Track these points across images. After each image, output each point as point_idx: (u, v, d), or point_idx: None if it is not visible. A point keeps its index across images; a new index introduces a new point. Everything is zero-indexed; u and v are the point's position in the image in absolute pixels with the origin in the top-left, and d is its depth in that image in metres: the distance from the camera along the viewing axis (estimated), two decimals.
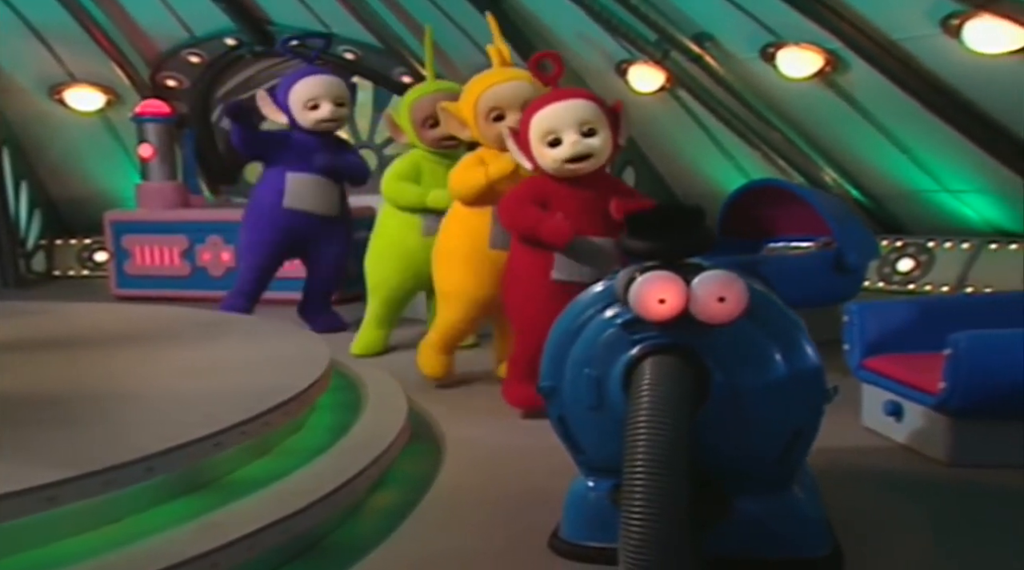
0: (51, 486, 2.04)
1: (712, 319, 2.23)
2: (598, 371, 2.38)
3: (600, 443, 2.42)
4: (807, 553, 2.37)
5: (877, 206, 6.75)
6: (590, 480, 2.52)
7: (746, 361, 2.31)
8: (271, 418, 2.79)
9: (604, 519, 2.36)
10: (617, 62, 7.03)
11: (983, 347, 2.98)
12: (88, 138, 8.26)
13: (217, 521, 2.33)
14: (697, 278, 2.22)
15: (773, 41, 6.02)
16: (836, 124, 6.39)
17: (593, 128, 3.59)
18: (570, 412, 2.46)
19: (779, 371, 2.31)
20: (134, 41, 7.96)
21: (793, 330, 2.35)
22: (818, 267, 5.08)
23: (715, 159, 7.32)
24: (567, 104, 3.61)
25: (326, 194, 5.38)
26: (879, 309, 3.55)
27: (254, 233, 5.42)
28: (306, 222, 5.33)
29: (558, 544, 2.57)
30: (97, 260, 8.25)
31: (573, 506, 2.56)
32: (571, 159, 3.58)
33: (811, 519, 2.41)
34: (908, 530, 2.70)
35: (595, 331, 2.40)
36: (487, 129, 4.15)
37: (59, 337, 4.00)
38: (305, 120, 5.32)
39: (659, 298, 2.21)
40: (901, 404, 3.31)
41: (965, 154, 5.76)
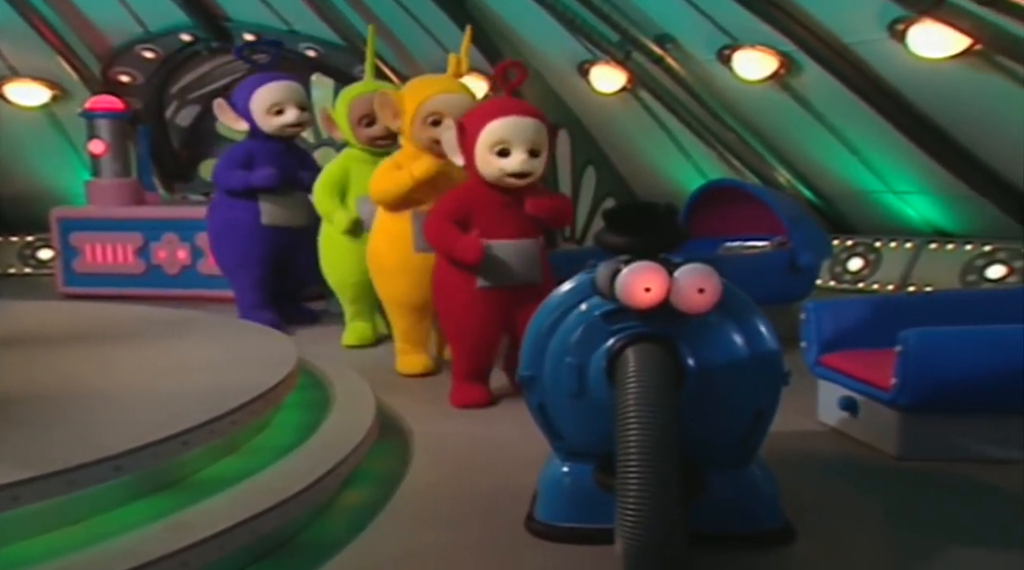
0: (14, 485, 2.00)
1: (691, 309, 2.40)
2: (579, 360, 2.50)
3: (579, 429, 2.57)
4: (765, 526, 2.57)
5: (828, 206, 6.94)
6: (565, 465, 2.65)
7: (715, 347, 2.47)
8: (238, 416, 2.76)
9: (579, 501, 2.56)
10: (579, 62, 7.10)
11: (932, 344, 3.09)
12: (31, 134, 8.01)
13: (186, 520, 2.30)
14: (679, 270, 2.39)
15: (729, 43, 6.15)
16: (790, 125, 6.56)
17: (538, 150, 3.80)
18: (550, 400, 2.58)
19: (743, 356, 2.49)
20: (84, 36, 7.75)
21: (754, 318, 2.53)
22: (773, 266, 5.21)
23: (675, 159, 7.44)
24: (524, 121, 3.77)
25: (299, 206, 5.47)
26: (835, 307, 3.64)
27: (239, 253, 5.48)
28: (286, 237, 5.45)
29: (535, 526, 2.68)
30: (41, 258, 8.01)
31: (549, 490, 2.68)
32: (515, 174, 3.76)
33: (768, 495, 2.60)
34: (859, 520, 2.79)
35: (575, 322, 2.52)
36: (421, 130, 4.31)
37: (11, 335, 3.87)
38: (269, 126, 5.37)
39: (645, 287, 2.36)
40: (856, 400, 3.40)
41: (909, 156, 5.96)
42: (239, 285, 5.58)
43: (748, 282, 5.43)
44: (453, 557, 2.58)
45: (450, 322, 4.01)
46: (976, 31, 4.97)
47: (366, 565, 2.52)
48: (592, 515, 2.53)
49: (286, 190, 5.41)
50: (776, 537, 2.57)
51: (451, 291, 3.91)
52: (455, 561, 2.56)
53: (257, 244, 5.42)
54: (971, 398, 3.10)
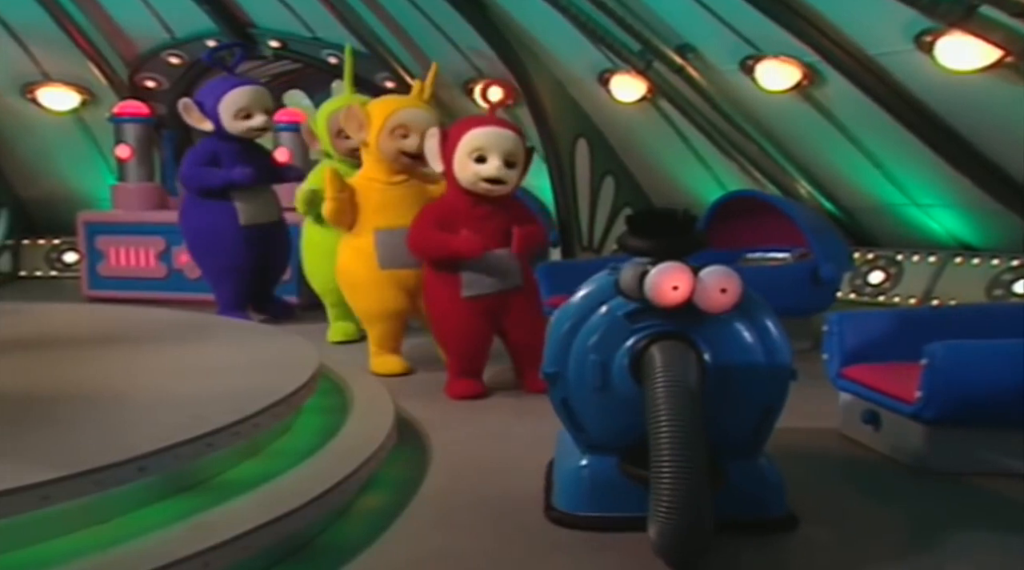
0: (45, 485, 2.02)
1: (713, 308, 2.56)
2: (602, 357, 2.66)
3: (601, 422, 2.73)
4: (771, 513, 2.74)
5: (849, 218, 6.89)
6: (584, 458, 2.80)
7: (729, 345, 2.64)
8: (261, 419, 2.78)
9: (598, 492, 2.74)
10: (600, 71, 7.11)
11: (958, 357, 3.06)
12: (61, 138, 8.14)
13: (209, 521, 2.31)
14: (703, 272, 2.56)
15: (753, 54, 6.14)
16: (812, 137, 6.52)
17: (514, 161, 4.07)
18: (574, 395, 2.73)
19: (756, 353, 2.66)
20: (113, 42, 7.88)
21: (766, 318, 2.71)
22: (795, 278, 5.18)
23: (694, 169, 7.42)
24: (501, 132, 4.09)
25: (269, 202, 5.79)
26: (858, 319, 3.62)
27: (225, 260, 5.65)
28: (263, 233, 5.68)
29: (555, 515, 2.82)
30: (66, 261, 8.12)
31: (568, 481, 2.84)
32: (489, 180, 4.01)
33: (774, 484, 2.76)
34: (883, 533, 2.76)
35: (598, 322, 2.68)
36: (388, 141, 4.62)
37: (38, 337, 3.93)
38: (235, 129, 5.58)
39: (673, 285, 2.53)
40: (879, 413, 3.38)
41: (934, 169, 5.91)
42: (222, 289, 5.74)
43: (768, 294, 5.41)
44: (471, 562, 2.58)
45: (439, 328, 4.28)
46: (1007, 43, 4.92)
47: (385, 569, 2.53)
48: (610, 504, 2.70)
49: (257, 187, 5.61)
50: (780, 524, 2.72)
51: (440, 302, 4.18)
52: (473, 566, 2.56)
53: (240, 248, 5.58)
54: (997, 412, 3.07)
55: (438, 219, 4.12)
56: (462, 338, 4.17)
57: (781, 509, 2.74)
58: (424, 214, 4.23)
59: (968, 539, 2.70)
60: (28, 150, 8.08)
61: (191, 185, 5.66)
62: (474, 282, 4.08)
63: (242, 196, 5.57)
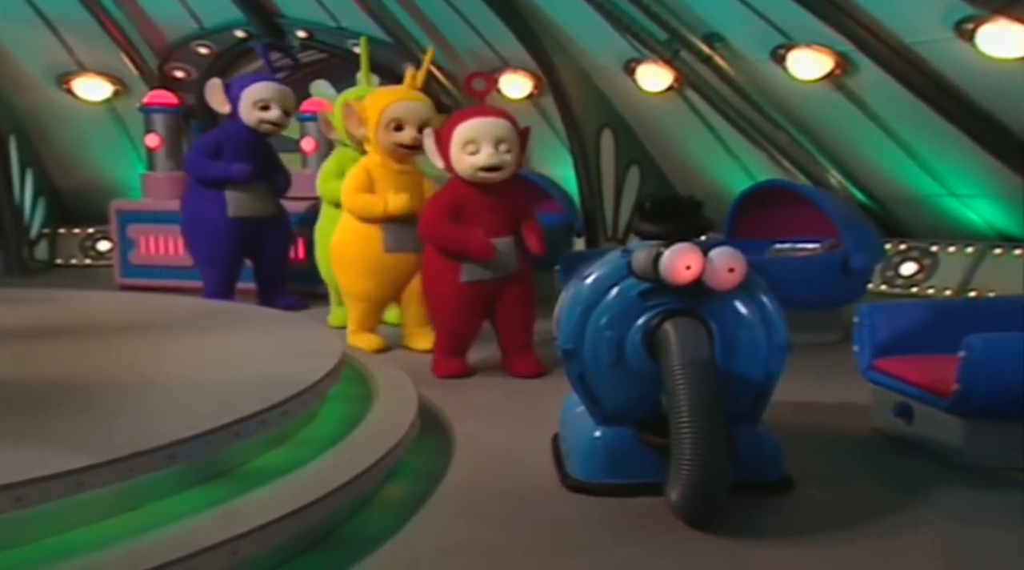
0: (80, 471, 2.06)
1: (722, 285, 2.76)
2: (617, 333, 2.86)
3: (615, 395, 2.93)
4: (768, 476, 2.95)
5: (881, 209, 6.77)
6: (598, 429, 2.99)
7: (731, 320, 2.85)
8: (288, 407, 2.80)
9: (612, 460, 2.94)
10: (626, 61, 7.03)
11: (998, 350, 3.00)
12: (94, 128, 8.24)
13: (237, 510, 2.34)
14: (713, 252, 2.76)
15: (784, 43, 6.03)
16: (843, 126, 6.40)
17: (508, 147, 4.21)
18: (589, 369, 2.92)
19: (756, 328, 2.87)
20: (144, 31, 7.95)
21: (765, 295, 2.91)
22: (824, 269, 5.12)
23: (721, 159, 7.33)
24: (490, 121, 4.22)
25: (264, 197, 5.84)
26: (890, 311, 3.56)
27: (208, 249, 5.83)
28: (252, 226, 5.78)
29: (571, 482, 3.00)
30: (100, 249, 8.24)
31: (583, 451, 3.02)
32: (486, 168, 4.17)
33: (772, 448, 2.97)
34: (920, 529, 2.72)
35: (612, 301, 2.88)
36: (384, 135, 4.74)
37: (72, 325, 4.00)
38: (250, 117, 5.72)
39: (687, 265, 2.71)
40: (911, 406, 3.32)
41: (973, 159, 5.78)
42: (208, 277, 5.90)
43: (798, 285, 5.39)
44: (494, 553, 2.58)
45: (436, 309, 4.47)
46: None
47: (408, 559, 2.54)
48: (624, 472, 2.92)
49: (253, 181, 5.72)
50: (777, 486, 2.94)
51: (438, 283, 4.36)
52: (496, 557, 2.56)
53: (225, 239, 5.74)
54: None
55: (448, 211, 4.27)
56: (456, 319, 4.36)
57: (778, 473, 2.96)
58: (434, 205, 4.37)
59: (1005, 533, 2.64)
60: (64, 140, 8.20)
61: (191, 173, 5.89)
62: (474, 268, 4.25)
63: (235, 188, 5.71)
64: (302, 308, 5.86)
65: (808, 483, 3.05)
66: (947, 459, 3.18)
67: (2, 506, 1.95)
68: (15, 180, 7.83)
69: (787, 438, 3.46)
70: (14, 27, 7.60)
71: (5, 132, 7.76)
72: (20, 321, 4.03)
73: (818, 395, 4.07)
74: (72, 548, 2.05)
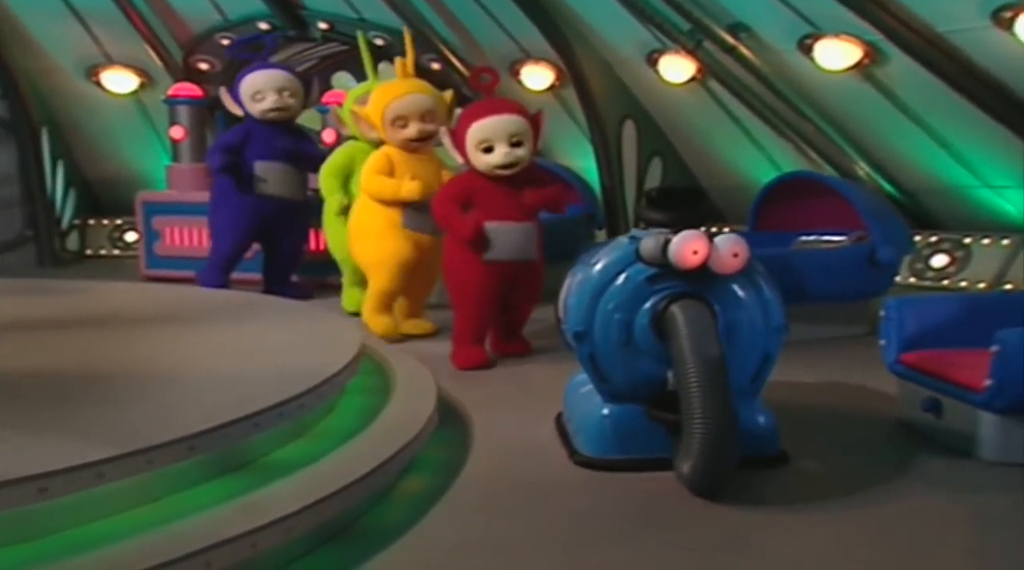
0: (101, 463, 2.07)
1: (726, 270, 2.93)
2: (626, 315, 3.01)
3: (623, 374, 3.08)
4: (765, 451, 3.08)
5: (911, 200, 6.64)
6: (605, 407, 3.13)
7: (732, 302, 3.01)
8: (307, 400, 2.80)
9: (619, 437, 3.09)
10: (648, 52, 6.96)
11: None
12: (121, 120, 8.33)
13: (256, 502, 2.34)
14: (717, 238, 2.92)
15: (811, 32, 5.92)
16: (872, 117, 6.29)
17: (520, 140, 4.34)
18: (599, 350, 3.07)
19: (755, 309, 3.03)
20: (169, 24, 8.01)
21: (763, 279, 3.07)
22: (851, 261, 5.03)
23: (746, 151, 7.23)
24: (502, 119, 4.34)
25: (292, 180, 5.90)
26: (918, 304, 3.50)
27: (229, 220, 5.90)
28: (276, 207, 5.84)
29: (580, 459, 3.15)
30: (127, 240, 8.34)
31: (591, 428, 3.17)
32: (501, 166, 4.31)
33: (768, 425, 3.11)
34: (956, 526, 2.68)
35: (622, 285, 3.03)
36: (393, 134, 4.88)
37: (98, 316, 4.05)
38: (254, 111, 5.85)
39: (694, 250, 2.88)
40: (940, 401, 3.26)
41: (1009, 149, 5.64)
42: (216, 247, 6.00)
43: (824, 277, 5.29)
44: (512, 547, 2.57)
45: (458, 292, 4.53)
46: None
47: (425, 553, 2.54)
48: (631, 448, 3.07)
49: (282, 165, 5.81)
50: (774, 460, 3.09)
51: (460, 265, 4.45)
52: (513, 551, 2.55)
53: (246, 212, 5.80)
54: None
55: (458, 194, 4.42)
56: (478, 300, 4.43)
57: (774, 448, 3.12)
58: (447, 188, 4.55)
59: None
60: (93, 132, 8.30)
61: (207, 162, 6.06)
62: (496, 248, 4.36)
63: (263, 166, 5.79)
64: (309, 298, 5.87)
65: (828, 477, 3.03)
66: (977, 455, 3.11)
67: (26, 497, 1.97)
68: (47, 171, 7.94)
69: (811, 430, 3.45)
70: (46, 20, 7.69)
71: (38, 124, 7.87)
72: (48, 312, 4.09)
73: (843, 389, 4.04)
74: (92, 540, 2.06)
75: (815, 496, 2.88)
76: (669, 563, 2.47)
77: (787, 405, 3.80)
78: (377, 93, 5.04)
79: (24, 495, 1.96)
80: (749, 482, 2.89)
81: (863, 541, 2.57)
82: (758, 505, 2.78)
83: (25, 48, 7.79)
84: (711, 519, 2.71)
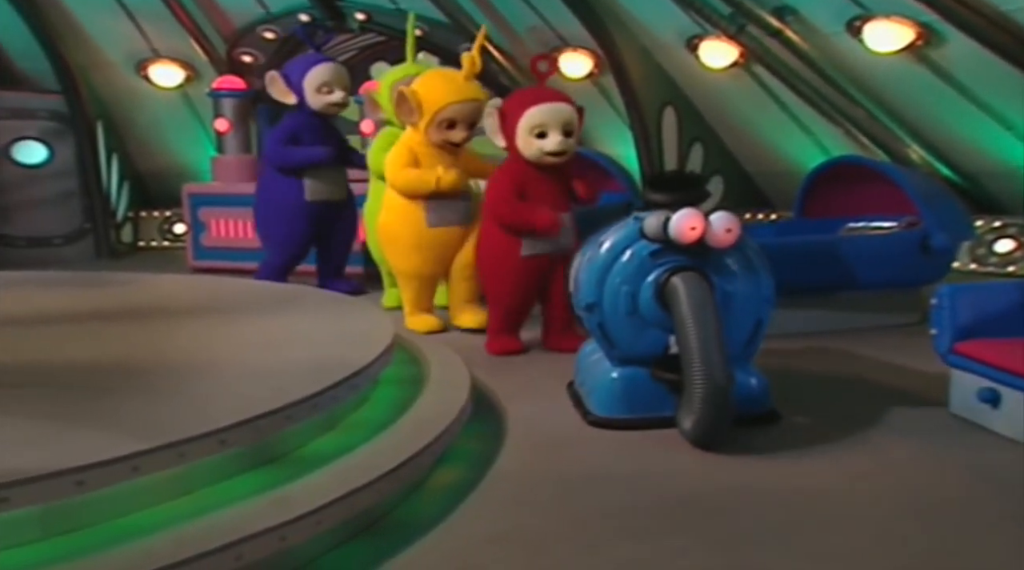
0: (136, 455, 2.09)
1: (721, 244, 3.22)
2: (632, 287, 3.33)
3: (630, 340, 3.40)
4: (758, 409, 3.38)
5: (972, 184, 6.37)
6: (615, 371, 3.44)
7: (728, 274, 3.31)
8: (339, 392, 2.80)
9: (628, 398, 3.40)
10: (688, 37, 6.81)
11: None
12: (168, 113, 8.50)
13: (285, 495, 2.35)
14: (712, 215, 3.20)
15: (861, 14, 5.73)
16: (926, 100, 6.07)
17: (571, 130, 4.38)
18: (608, 319, 3.38)
19: (748, 279, 3.33)
20: (212, 17, 8.12)
21: (754, 253, 3.35)
22: (902, 248, 4.86)
23: (793, 136, 7.04)
24: (558, 106, 4.36)
25: (338, 181, 5.93)
26: (972, 292, 3.37)
27: (283, 229, 5.87)
28: (327, 211, 5.86)
29: (593, 419, 3.44)
30: (176, 232, 8.54)
31: (602, 390, 3.46)
32: (553, 153, 4.32)
33: (760, 386, 3.40)
34: (1008, 522, 2.56)
35: (628, 259, 3.34)
36: (436, 133, 4.78)
37: (142, 308, 4.13)
38: (317, 103, 5.79)
39: (692, 226, 3.18)
40: (998, 391, 3.12)
41: None
42: (273, 257, 5.98)
43: (873, 264, 5.13)
44: (544, 541, 2.54)
45: (494, 285, 4.56)
46: None
47: (456, 546, 2.51)
48: (638, 408, 3.37)
49: (328, 165, 5.78)
50: (765, 418, 3.38)
51: (497, 258, 4.47)
52: (546, 545, 2.52)
53: (302, 222, 5.81)
54: None
55: (516, 188, 4.40)
56: (515, 294, 4.48)
57: (768, 405, 3.40)
58: (501, 183, 4.47)
59: None
60: (143, 125, 8.50)
61: (273, 162, 5.91)
62: (535, 242, 4.39)
63: (312, 173, 5.77)
64: (361, 293, 5.90)
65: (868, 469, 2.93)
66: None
67: (64, 491, 2.00)
68: (102, 165, 8.14)
69: (855, 424, 3.35)
70: (98, 15, 7.87)
71: (93, 118, 8.08)
72: (94, 304, 4.18)
73: (893, 379, 3.92)
74: (126, 533, 2.08)
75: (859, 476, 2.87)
76: (698, 560, 2.41)
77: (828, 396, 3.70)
78: (432, 87, 4.78)
79: (62, 488, 1.99)
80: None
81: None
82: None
83: (80, 43, 7.99)
84: (743, 517, 2.62)
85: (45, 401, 2.60)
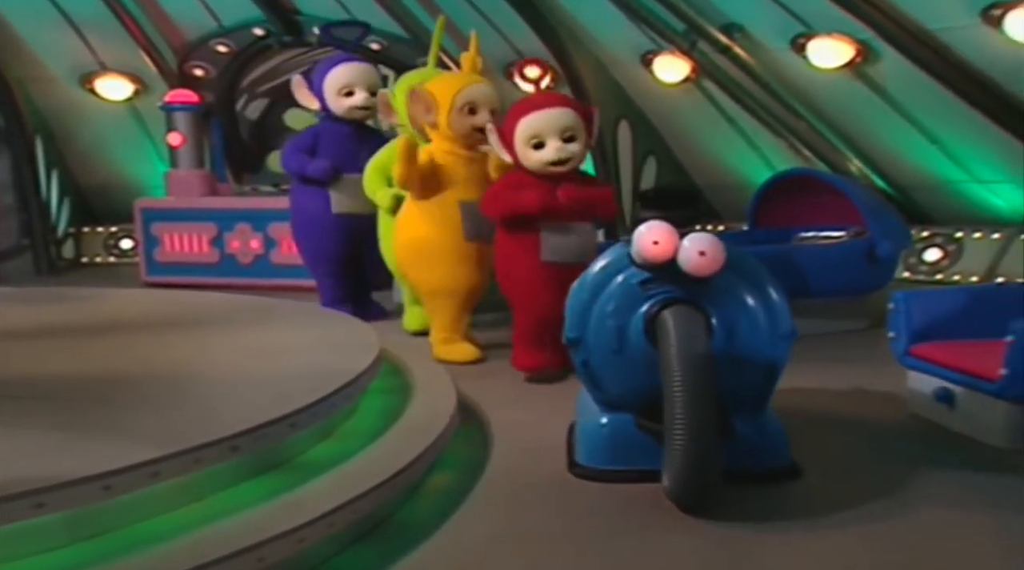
0: (156, 462, 2.11)
1: (694, 269, 2.78)
2: (620, 321, 2.89)
3: (617, 381, 2.96)
4: (777, 464, 2.95)
5: (903, 196, 6.76)
6: (603, 417, 3.02)
7: (735, 310, 2.87)
8: (336, 400, 2.84)
9: (616, 447, 2.97)
10: (643, 53, 7.04)
11: None
12: (115, 127, 8.29)
13: (297, 500, 2.38)
14: (688, 236, 2.82)
15: (804, 32, 6.04)
16: (864, 114, 6.40)
17: (573, 135, 4.03)
18: (593, 357, 2.96)
19: (760, 317, 2.88)
20: (163, 30, 7.99)
21: (766, 282, 2.92)
22: (850, 256, 5.12)
23: (740, 150, 7.33)
24: (552, 112, 4.03)
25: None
26: (926, 297, 3.58)
27: (315, 245, 5.47)
28: (356, 224, 5.32)
29: (579, 470, 3.05)
30: (123, 247, 8.31)
31: (589, 438, 3.07)
32: (553, 162, 4.02)
33: (778, 437, 2.97)
34: (973, 517, 2.73)
35: (614, 290, 2.92)
36: (459, 119, 4.45)
37: (110, 321, 4.05)
38: (338, 107, 5.35)
39: (653, 240, 2.78)
40: (953, 391, 3.34)
41: (998, 144, 5.78)
42: (319, 278, 5.59)
43: (822, 273, 5.34)
44: (542, 540, 2.62)
45: (515, 295, 4.23)
46: None
47: (460, 547, 2.58)
48: (627, 459, 2.95)
49: (355, 176, 5.20)
50: (784, 474, 2.95)
51: (516, 267, 4.15)
52: (544, 544, 2.60)
53: (331, 236, 5.37)
54: None
55: (511, 186, 4.13)
56: (539, 302, 4.05)
57: (785, 460, 2.97)
58: (501, 181, 4.28)
59: None
60: (86, 140, 8.26)
61: (285, 168, 5.55)
62: (557, 248, 4.05)
63: (336, 184, 5.30)
64: (384, 317, 5.48)
65: (844, 469, 3.08)
66: (992, 443, 3.19)
67: (92, 496, 2.01)
68: (42, 180, 7.90)
69: (821, 425, 3.51)
70: (40, 28, 7.65)
71: (32, 132, 7.83)
72: (63, 318, 4.09)
73: (851, 382, 4.10)
74: (146, 539, 2.10)
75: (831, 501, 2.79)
76: (697, 554, 2.52)
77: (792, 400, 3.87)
78: (444, 81, 4.61)
79: (90, 493, 2.00)
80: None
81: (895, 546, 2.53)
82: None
83: (19, 56, 7.76)
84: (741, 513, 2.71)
85: (56, 412, 2.57)
